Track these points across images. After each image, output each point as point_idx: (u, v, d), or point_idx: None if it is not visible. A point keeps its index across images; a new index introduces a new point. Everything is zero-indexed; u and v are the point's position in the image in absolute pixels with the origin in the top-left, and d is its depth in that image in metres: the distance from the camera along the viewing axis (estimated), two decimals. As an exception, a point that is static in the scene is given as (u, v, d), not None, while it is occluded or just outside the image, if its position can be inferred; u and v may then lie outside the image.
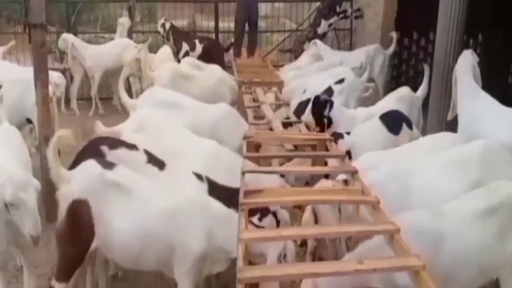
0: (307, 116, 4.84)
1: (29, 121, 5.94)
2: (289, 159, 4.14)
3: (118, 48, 8.59)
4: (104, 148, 3.47)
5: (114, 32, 9.73)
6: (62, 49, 8.69)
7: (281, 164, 4.18)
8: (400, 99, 5.30)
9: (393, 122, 4.61)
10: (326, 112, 4.80)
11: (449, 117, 4.66)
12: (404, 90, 5.57)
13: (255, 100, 5.39)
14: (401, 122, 4.62)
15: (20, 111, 5.82)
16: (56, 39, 9.48)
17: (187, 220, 2.99)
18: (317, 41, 8.20)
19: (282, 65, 8.14)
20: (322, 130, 4.60)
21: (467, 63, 4.43)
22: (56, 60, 9.72)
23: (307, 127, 4.62)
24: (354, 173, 3.00)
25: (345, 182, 3.24)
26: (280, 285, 2.78)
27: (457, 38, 5.52)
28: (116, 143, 3.61)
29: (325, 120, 4.79)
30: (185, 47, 9.05)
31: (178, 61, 7.75)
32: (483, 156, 3.47)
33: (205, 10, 11.49)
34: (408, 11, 8.09)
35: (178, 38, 9.27)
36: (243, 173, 2.91)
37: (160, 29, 9.37)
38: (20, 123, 5.99)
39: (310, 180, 4.09)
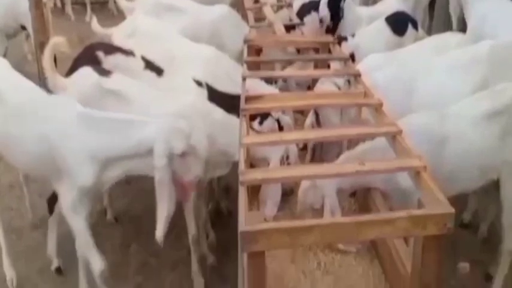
0: (323, 8, 4.63)
1: (23, 28, 5.81)
2: (290, 63, 4.07)
3: None
4: (100, 54, 3.40)
5: None
6: None
7: (283, 69, 4.11)
8: None
9: (398, 23, 4.47)
10: (342, 3, 4.62)
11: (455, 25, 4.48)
12: None
13: (256, 1, 5.20)
14: (407, 22, 4.48)
15: (13, 17, 5.68)
16: None
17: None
18: None
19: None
20: (335, 27, 4.46)
21: None
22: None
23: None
24: (357, 75, 2.94)
25: (348, 82, 3.19)
26: (282, 187, 2.83)
27: None
28: (112, 48, 3.53)
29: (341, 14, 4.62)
30: None
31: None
32: (490, 57, 3.38)
33: None
34: None
35: None
36: (244, 78, 2.86)
37: None
38: (14, 29, 5.87)
39: (312, 85, 4.04)
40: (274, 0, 5.40)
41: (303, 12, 5.25)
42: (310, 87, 4.06)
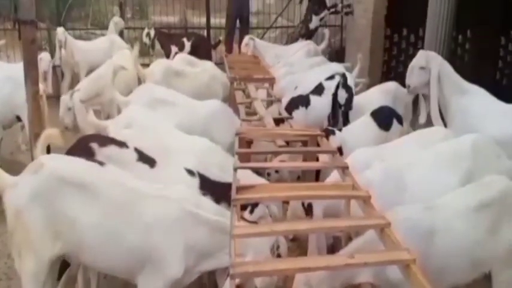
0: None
1: (18, 119, 5.92)
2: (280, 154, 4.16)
3: (105, 44, 8.52)
4: (94, 146, 3.46)
5: (105, 28, 9.67)
6: (62, 42, 8.34)
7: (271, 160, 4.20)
8: (384, 92, 5.35)
9: (384, 118, 4.64)
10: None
11: (421, 120, 4.71)
12: (390, 85, 5.63)
13: (247, 96, 5.39)
14: (392, 118, 4.66)
15: (10, 108, 5.80)
16: (47, 35, 9.42)
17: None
18: (253, 37, 8.18)
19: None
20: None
21: (443, 60, 4.51)
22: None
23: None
24: (345, 168, 3.02)
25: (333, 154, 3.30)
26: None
27: (446, 34, 5.56)
28: (105, 140, 3.59)
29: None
30: (174, 49, 8.80)
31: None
32: (474, 150, 3.51)
33: (197, 6, 11.47)
34: (398, 8, 8.13)
35: (166, 42, 9.04)
36: (235, 169, 2.93)
37: (146, 39, 9.07)
38: (10, 120, 5.98)
39: (301, 177, 4.12)
40: (264, 95, 5.63)
41: (291, 106, 5.46)
42: (299, 178, 4.14)
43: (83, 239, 2.83)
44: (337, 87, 5.00)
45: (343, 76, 5.07)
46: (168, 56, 8.87)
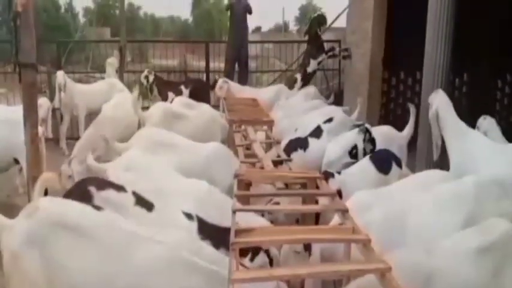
0: None
1: (16, 161, 5.91)
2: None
3: (104, 87, 8.60)
4: (92, 189, 3.43)
5: (105, 71, 9.81)
6: (61, 85, 8.40)
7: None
8: (379, 135, 5.37)
9: (383, 161, 4.65)
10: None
11: (435, 157, 4.73)
12: (384, 128, 5.67)
13: (245, 138, 5.41)
14: (391, 161, 4.66)
15: (8, 151, 5.80)
16: (47, 78, 9.53)
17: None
18: (227, 79, 8.26)
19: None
20: None
21: (446, 101, 4.53)
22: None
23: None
24: (344, 211, 2.99)
25: None
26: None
27: (443, 77, 5.63)
28: (103, 184, 3.56)
29: None
30: (171, 96, 8.68)
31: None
32: (476, 192, 3.49)
33: (196, 50, 11.70)
34: (395, 51, 8.27)
35: (163, 89, 8.99)
36: (234, 212, 2.90)
37: (144, 81, 9.05)
38: (7, 163, 5.96)
39: (300, 219, 4.08)
40: (263, 137, 5.65)
41: (290, 148, 5.48)
42: (298, 221, 4.10)
43: (76, 284, 2.76)
44: (364, 141, 5.08)
45: (367, 130, 5.14)
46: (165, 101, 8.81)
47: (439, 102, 4.55)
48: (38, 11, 8.46)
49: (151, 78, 9.05)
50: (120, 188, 3.52)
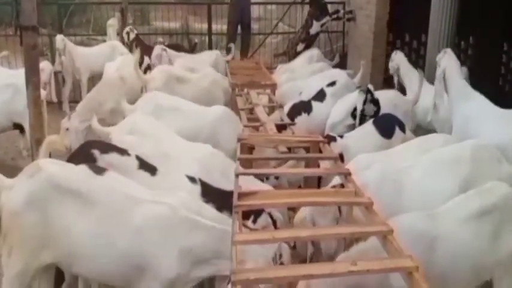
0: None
1: (15, 126, 5.92)
2: (283, 162, 4.15)
3: (106, 50, 8.51)
4: (96, 152, 3.45)
5: (106, 34, 9.69)
6: (60, 49, 8.33)
7: (276, 166, 4.18)
8: (384, 100, 5.32)
9: (386, 125, 4.63)
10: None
11: (429, 117, 4.71)
12: (390, 92, 5.63)
13: (248, 102, 5.39)
14: (394, 125, 4.64)
15: (8, 116, 5.80)
16: (48, 41, 9.44)
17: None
18: (165, 47, 7.94)
19: (275, 67, 8.17)
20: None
21: (455, 62, 4.48)
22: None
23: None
24: (347, 174, 3.01)
25: (342, 186, 3.25)
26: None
27: (448, 40, 5.57)
28: (107, 147, 3.58)
29: None
30: (146, 60, 8.39)
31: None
32: (474, 156, 3.51)
33: (198, 12, 11.51)
34: (400, 14, 8.14)
35: (141, 51, 8.50)
36: (237, 175, 2.91)
37: (125, 36, 8.85)
38: (6, 127, 5.97)
39: (303, 184, 4.10)
40: (265, 101, 5.63)
41: (293, 112, 5.46)
42: (301, 187, 4.12)
43: (76, 247, 2.81)
44: (365, 102, 5.03)
45: (369, 91, 5.10)
46: (140, 65, 8.00)
47: (447, 62, 4.50)
48: (37, -28, 8.35)
49: (132, 35, 8.82)
50: (123, 152, 3.54)
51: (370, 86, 5.40)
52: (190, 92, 5.85)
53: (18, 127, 5.95)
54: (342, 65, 8.57)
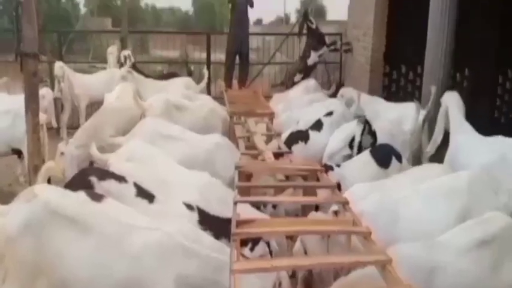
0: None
1: (13, 151, 5.92)
2: (281, 190, 4.15)
3: (105, 77, 8.56)
4: (93, 179, 3.44)
5: (106, 62, 9.77)
6: (59, 76, 8.34)
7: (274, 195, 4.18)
8: (383, 130, 5.36)
9: (383, 155, 4.65)
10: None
11: (429, 149, 4.78)
12: (386, 123, 5.67)
13: (246, 130, 5.42)
14: (391, 155, 4.66)
15: (7, 141, 5.81)
16: (48, 68, 9.50)
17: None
18: (132, 71, 7.95)
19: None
20: None
21: (458, 101, 4.61)
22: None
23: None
24: (345, 203, 3.01)
25: (335, 213, 3.25)
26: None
27: (444, 72, 5.63)
28: (105, 174, 3.58)
29: None
30: None
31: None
32: (471, 186, 3.52)
33: (197, 42, 11.65)
34: (396, 46, 8.26)
35: None
36: (235, 203, 2.91)
37: (122, 59, 8.77)
38: (4, 152, 5.97)
39: (300, 213, 4.10)
40: (263, 130, 5.66)
41: (290, 141, 5.49)
42: (298, 216, 4.11)
43: (71, 274, 2.78)
44: (362, 133, 5.07)
45: (367, 122, 5.14)
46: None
47: (452, 103, 4.64)
48: (39, 1, 8.41)
49: (129, 61, 8.67)
50: (121, 179, 3.53)
51: (368, 117, 5.43)
52: (188, 120, 5.88)
53: (17, 152, 5.94)
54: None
